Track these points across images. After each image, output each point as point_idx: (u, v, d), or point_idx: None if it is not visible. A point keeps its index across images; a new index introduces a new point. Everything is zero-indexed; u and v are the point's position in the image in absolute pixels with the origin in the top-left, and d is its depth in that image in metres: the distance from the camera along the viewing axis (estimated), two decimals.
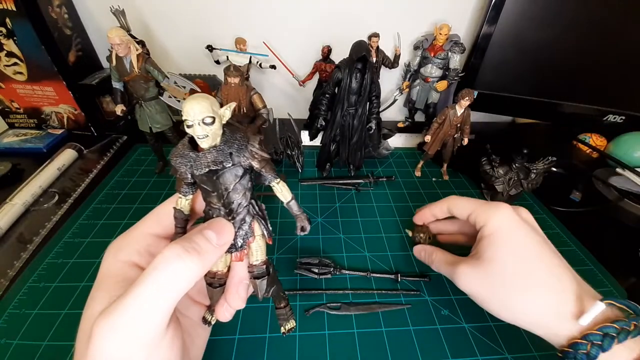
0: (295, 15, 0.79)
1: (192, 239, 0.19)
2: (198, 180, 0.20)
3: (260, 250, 0.23)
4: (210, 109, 0.18)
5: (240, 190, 0.20)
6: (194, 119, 0.17)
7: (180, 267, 0.17)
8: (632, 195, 0.63)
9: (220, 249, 0.20)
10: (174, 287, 0.17)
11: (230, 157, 0.19)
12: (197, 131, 0.18)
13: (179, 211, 0.21)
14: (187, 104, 0.17)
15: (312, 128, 0.69)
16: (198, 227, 0.20)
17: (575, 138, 0.87)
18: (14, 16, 0.62)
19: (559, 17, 0.70)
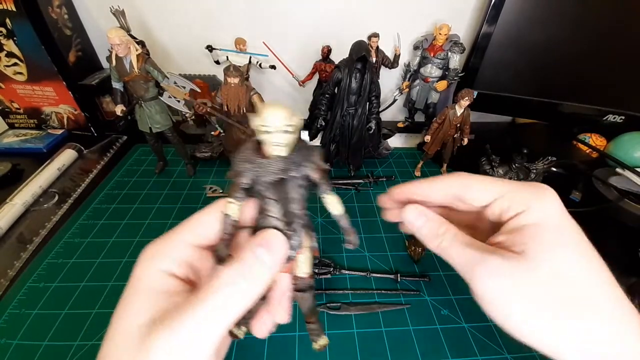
0: (295, 16, 0.79)
1: (245, 261, 0.18)
2: (259, 188, 0.20)
3: (307, 262, 0.22)
4: (290, 118, 0.18)
5: (299, 201, 0.20)
6: (275, 127, 0.17)
7: (237, 292, 0.17)
8: (632, 195, 0.63)
9: (274, 269, 0.19)
10: (230, 312, 0.17)
11: (298, 166, 0.19)
12: (277, 139, 0.18)
13: (228, 217, 0.20)
14: (269, 111, 0.17)
15: (312, 128, 0.69)
16: (250, 244, 0.19)
17: (575, 138, 0.87)
18: (14, 16, 0.62)
19: (559, 17, 0.70)
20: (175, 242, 0.20)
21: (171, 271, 0.19)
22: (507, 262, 0.20)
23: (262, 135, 0.18)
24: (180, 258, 0.20)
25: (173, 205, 0.59)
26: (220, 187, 0.63)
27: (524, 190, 0.23)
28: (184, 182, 0.65)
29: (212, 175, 0.68)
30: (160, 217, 0.56)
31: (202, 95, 0.78)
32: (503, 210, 0.22)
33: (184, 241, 0.20)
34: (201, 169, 0.69)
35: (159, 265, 0.19)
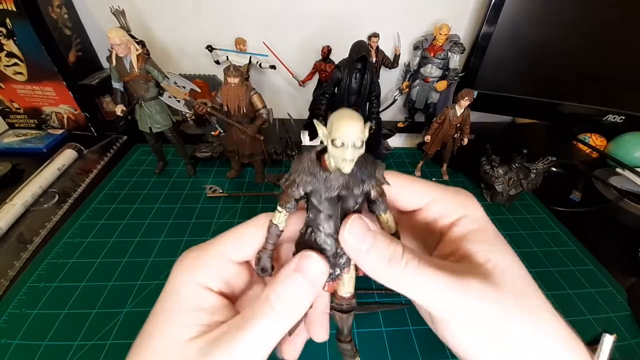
0: (295, 16, 0.79)
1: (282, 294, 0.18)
2: (313, 201, 0.18)
3: (352, 282, 0.21)
4: (363, 132, 0.16)
5: None
6: (348, 141, 0.16)
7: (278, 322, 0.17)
8: (632, 195, 0.63)
9: (313, 295, 0.19)
10: (275, 336, 0.17)
11: (361, 183, 0.18)
12: (349, 155, 0.16)
13: (276, 227, 0.19)
14: (344, 122, 0.16)
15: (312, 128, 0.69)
16: (288, 268, 0.18)
17: (575, 138, 0.87)
18: (14, 16, 0.62)
19: (559, 17, 0.70)
20: (214, 255, 0.20)
21: (208, 285, 0.19)
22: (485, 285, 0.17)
23: (331, 148, 0.16)
24: (217, 273, 0.20)
25: (173, 205, 0.59)
26: (220, 187, 0.63)
27: (456, 195, 0.22)
28: (184, 182, 0.65)
29: (212, 175, 0.68)
30: (160, 217, 0.56)
31: (202, 95, 0.78)
32: (439, 216, 0.21)
33: (224, 255, 0.20)
34: (201, 169, 0.69)
35: (197, 279, 0.19)
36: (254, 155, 0.62)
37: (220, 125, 0.73)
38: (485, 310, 0.17)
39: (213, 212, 0.58)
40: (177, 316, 0.18)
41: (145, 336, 0.18)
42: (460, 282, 0.17)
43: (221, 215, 0.57)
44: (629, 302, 0.47)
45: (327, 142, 0.16)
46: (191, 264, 0.19)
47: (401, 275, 0.17)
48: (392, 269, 0.18)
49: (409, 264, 0.17)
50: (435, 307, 0.18)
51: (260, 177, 0.66)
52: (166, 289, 0.19)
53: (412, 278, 0.17)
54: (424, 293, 0.17)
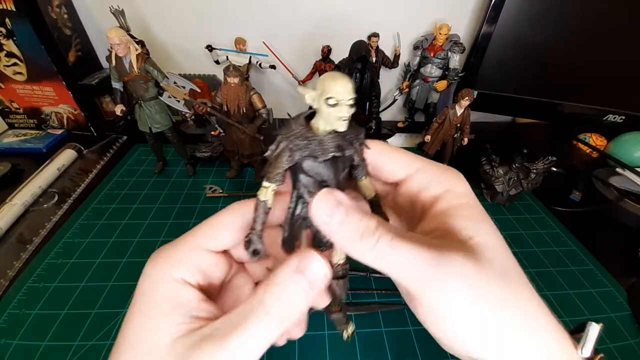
0: (296, 15, 0.79)
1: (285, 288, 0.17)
2: (306, 168, 0.17)
3: None
4: (353, 91, 0.16)
5: (346, 183, 0.19)
6: (343, 99, 0.16)
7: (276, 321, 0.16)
8: (632, 195, 0.63)
9: (311, 301, 0.18)
10: (269, 338, 0.16)
11: (350, 144, 0.18)
12: (344, 112, 0.16)
13: (263, 203, 0.18)
14: (338, 81, 0.16)
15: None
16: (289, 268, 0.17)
17: (575, 138, 0.87)
18: (14, 16, 0.62)
19: (559, 17, 0.70)
20: (187, 248, 0.19)
21: (186, 279, 0.18)
22: (469, 262, 0.16)
23: (324, 109, 0.16)
24: (194, 265, 0.19)
25: (173, 205, 0.59)
26: (220, 187, 0.63)
27: (442, 169, 0.21)
28: (184, 182, 0.65)
29: (212, 175, 0.67)
30: (160, 217, 0.56)
31: (202, 95, 0.78)
32: (421, 188, 0.20)
33: (199, 247, 0.19)
34: (201, 169, 0.69)
35: (173, 274, 0.18)
36: (253, 155, 0.62)
37: (220, 125, 0.73)
38: (466, 287, 0.16)
39: (213, 212, 0.57)
40: (155, 317, 0.17)
41: (125, 340, 0.17)
42: (440, 256, 0.16)
43: None
44: (629, 302, 0.47)
45: (319, 103, 0.16)
46: (165, 259, 0.18)
47: (373, 249, 0.16)
48: (364, 243, 0.16)
49: (382, 238, 0.16)
50: (410, 282, 0.16)
51: (260, 177, 0.66)
52: (141, 289, 0.18)
53: (385, 252, 0.16)
54: (397, 267, 0.16)
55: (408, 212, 0.22)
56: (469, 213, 0.19)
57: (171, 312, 0.17)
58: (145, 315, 0.17)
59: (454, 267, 0.16)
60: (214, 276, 0.20)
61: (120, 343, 0.17)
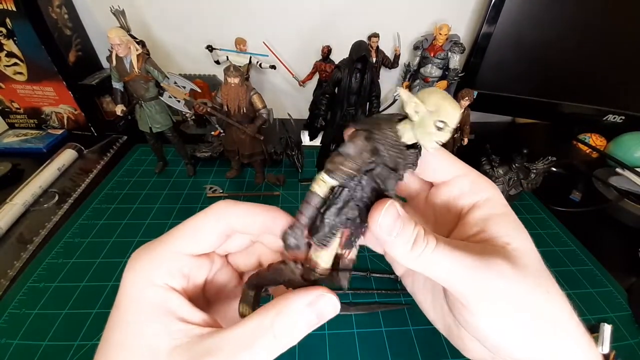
0: (295, 15, 0.79)
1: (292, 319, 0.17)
2: (376, 173, 0.17)
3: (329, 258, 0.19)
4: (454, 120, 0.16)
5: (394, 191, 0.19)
6: (451, 127, 0.15)
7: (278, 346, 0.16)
8: (632, 195, 0.63)
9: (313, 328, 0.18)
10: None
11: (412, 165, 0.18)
12: (445, 138, 0.16)
13: (317, 198, 0.17)
14: (457, 109, 0.16)
15: (312, 128, 0.69)
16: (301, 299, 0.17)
17: (575, 138, 0.87)
18: (14, 16, 0.62)
19: (559, 17, 0.70)
20: (167, 253, 0.18)
21: (167, 284, 0.18)
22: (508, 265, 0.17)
23: (427, 127, 0.16)
24: (176, 270, 0.18)
25: (173, 205, 0.59)
26: (220, 187, 0.63)
27: (481, 178, 0.21)
28: (184, 182, 0.65)
29: (212, 175, 0.68)
30: (160, 217, 0.56)
31: (202, 95, 0.78)
32: (463, 193, 0.21)
33: (179, 251, 0.18)
34: (201, 169, 0.69)
35: (156, 279, 0.17)
36: (254, 155, 0.62)
37: (220, 125, 0.73)
38: (507, 288, 0.17)
39: None
40: (146, 324, 0.16)
41: (111, 351, 0.16)
42: (483, 261, 0.17)
43: None
44: (629, 302, 0.47)
45: (426, 119, 0.16)
46: (146, 265, 0.18)
47: (423, 257, 0.17)
48: (414, 252, 0.17)
49: (429, 245, 0.17)
50: (457, 287, 0.17)
51: (260, 177, 0.66)
52: (123, 296, 0.17)
53: (434, 259, 0.17)
54: (445, 273, 0.17)
55: (440, 214, 0.22)
56: (507, 221, 0.20)
57: (163, 317, 0.16)
58: (136, 322, 0.16)
59: (496, 270, 0.17)
60: (197, 277, 0.19)
61: (108, 349, 0.16)
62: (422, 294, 0.23)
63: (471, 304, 0.17)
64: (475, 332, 0.18)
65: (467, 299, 0.17)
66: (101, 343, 0.17)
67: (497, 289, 0.17)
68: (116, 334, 0.16)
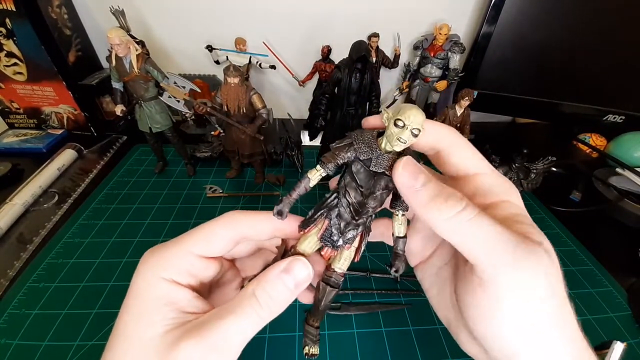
0: (295, 15, 0.79)
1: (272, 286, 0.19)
2: (354, 170, 0.20)
3: (347, 261, 0.22)
4: (422, 124, 0.18)
5: (378, 200, 0.20)
6: (409, 124, 0.18)
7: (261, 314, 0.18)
8: (632, 195, 0.63)
9: (296, 295, 0.20)
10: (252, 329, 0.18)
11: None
12: (404, 136, 0.18)
13: (307, 180, 0.20)
14: (412, 110, 0.18)
15: (312, 128, 0.69)
16: (277, 269, 0.19)
17: (575, 138, 0.87)
18: (14, 16, 0.62)
19: (559, 17, 0.70)
20: (180, 252, 0.20)
21: (174, 280, 0.19)
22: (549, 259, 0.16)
23: (391, 128, 0.18)
24: (185, 269, 0.20)
25: (173, 205, 0.59)
26: (220, 187, 0.63)
27: (504, 179, 0.21)
28: (184, 182, 0.65)
29: (212, 175, 0.67)
30: (160, 217, 0.56)
31: (202, 95, 0.78)
32: (484, 191, 0.20)
33: (190, 252, 0.20)
34: (201, 169, 0.69)
35: (162, 274, 0.19)
36: (253, 155, 0.62)
37: (220, 125, 0.73)
38: (544, 279, 0.16)
39: (213, 212, 0.58)
40: (147, 314, 0.18)
41: (117, 337, 0.18)
42: (527, 247, 0.16)
43: None
44: (629, 302, 0.47)
45: (390, 123, 0.18)
46: (157, 261, 0.19)
47: (455, 218, 0.16)
48: (446, 210, 0.16)
49: (468, 209, 0.16)
50: (485, 259, 0.16)
51: (260, 177, 0.66)
52: (133, 288, 0.19)
53: (468, 224, 0.16)
54: (475, 242, 0.16)
55: None
56: (527, 222, 0.19)
57: (163, 308, 0.18)
58: (137, 312, 0.18)
59: (542, 262, 0.16)
60: (205, 277, 0.21)
61: (114, 337, 0.18)
62: (430, 283, 0.24)
63: (497, 282, 0.16)
64: (478, 314, 0.18)
65: (495, 276, 0.16)
66: (111, 332, 0.18)
67: (536, 276, 0.16)
68: (121, 324, 0.18)
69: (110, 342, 0.18)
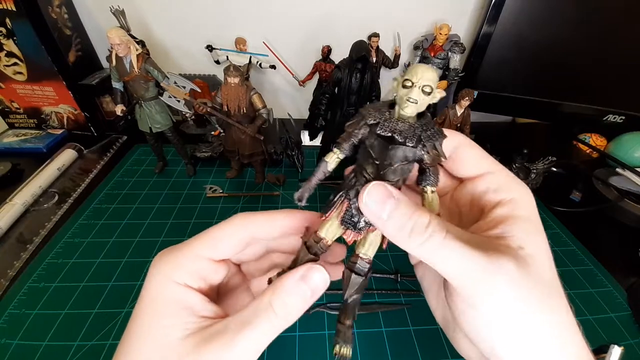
0: (295, 16, 0.79)
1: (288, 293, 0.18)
2: (367, 143, 0.19)
3: (373, 246, 0.20)
4: (433, 80, 0.17)
5: (399, 174, 0.19)
6: (417, 81, 0.17)
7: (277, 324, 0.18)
8: (632, 195, 0.63)
9: (310, 305, 0.20)
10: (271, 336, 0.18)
11: (416, 139, 0.18)
12: (413, 94, 0.17)
13: (324, 164, 0.20)
14: (420, 67, 0.17)
15: (312, 128, 0.69)
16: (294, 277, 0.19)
17: (575, 138, 0.87)
18: (14, 16, 0.62)
19: (559, 17, 0.70)
20: (190, 255, 0.20)
21: (188, 283, 0.19)
22: (517, 269, 0.16)
23: (400, 90, 0.18)
24: (195, 272, 0.20)
25: (173, 205, 0.59)
26: (220, 187, 0.63)
27: (512, 178, 0.21)
28: (184, 182, 0.65)
29: (212, 175, 0.67)
30: (160, 217, 0.56)
31: (202, 95, 0.78)
32: (490, 190, 0.20)
33: (200, 255, 0.20)
34: (201, 169, 0.69)
35: (176, 278, 0.19)
36: (254, 155, 0.62)
37: (220, 125, 0.73)
38: (512, 291, 0.16)
39: (213, 212, 0.58)
40: (164, 317, 0.18)
41: (131, 337, 0.18)
42: (491, 259, 0.16)
43: (221, 216, 0.57)
44: (629, 302, 0.47)
45: (398, 87, 0.18)
46: (169, 264, 0.19)
47: (423, 246, 0.17)
48: (414, 239, 0.17)
49: (434, 235, 0.16)
50: (458, 279, 0.17)
51: (260, 177, 0.66)
52: (147, 291, 0.19)
53: (437, 249, 0.16)
54: (447, 264, 0.17)
55: (463, 210, 0.22)
56: (527, 225, 0.19)
57: (178, 312, 0.18)
58: (155, 315, 0.18)
59: (504, 271, 0.16)
60: (214, 280, 0.21)
61: (129, 338, 0.18)
62: (430, 281, 0.24)
63: (471, 298, 0.17)
64: (466, 327, 0.18)
65: (469, 294, 0.17)
66: (124, 333, 0.18)
67: (502, 288, 0.16)
68: (137, 326, 0.18)
69: (124, 344, 0.18)
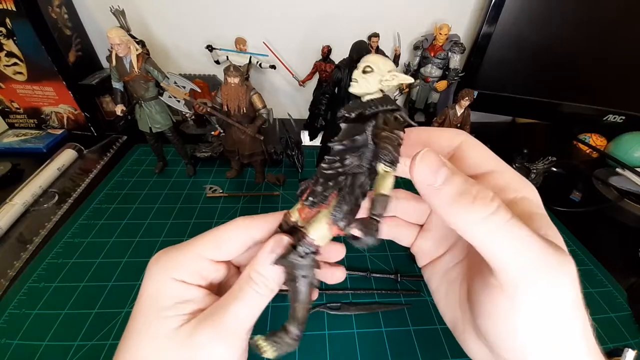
0: (295, 16, 0.79)
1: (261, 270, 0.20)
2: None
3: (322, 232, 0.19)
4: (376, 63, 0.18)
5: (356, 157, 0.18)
6: (360, 64, 0.18)
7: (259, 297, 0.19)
8: (632, 195, 0.63)
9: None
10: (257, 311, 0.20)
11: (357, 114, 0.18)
12: (355, 74, 0.19)
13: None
14: (373, 55, 0.19)
15: (312, 128, 0.69)
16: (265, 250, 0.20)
17: (575, 138, 0.87)
18: (14, 16, 0.62)
19: (559, 17, 0.70)
20: (191, 254, 0.20)
21: (184, 280, 0.20)
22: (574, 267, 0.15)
23: (360, 77, 0.19)
24: (196, 271, 0.20)
25: (173, 205, 0.59)
26: (220, 187, 0.63)
27: (519, 177, 0.20)
28: (184, 182, 0.65)
29: (212, 175, 0.67)
30: (160, 217, 0.56)
31: (202, 95, 0.78)
32: (498, 189, 0.18)
33: (201, 256, 0.20)
34: (201, 169, 0.69)
35: (173, 275, 0.20)
36: (254, 155, 0.62)
37: (220, 125, 0.73)
38: (573, 290, 0.15)
39: (213, 212, 0.58)
40: (161, 310, 0.19)
41: (131, 334, 0.19)
42: (557, 252, 0.14)
43: (221, 215, 0.57)
44: (629, 302, 0.47)
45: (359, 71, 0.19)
46: (168, 262, 0.20)
47: (487, 220, 0.14)
48: (476, 210, 0.14)
49: (501, 211, 0.14)
50: (515, 267, 0.15)
51: (260, 177, 0.66)
52: (145, 288, 0.20)
53: (501, 228, 0.14)
54: (506, 248, 0.14)
55: None
56: (547, 222, 0.17)
57: (174, 305, 0.19)
58: (149, 309, 0.19)
59: (567, 268, 0.15)
60: (215, 279, 0.22)
61: (128, 335, 0.19)
62: (438, 282, 0.24)
63: (525, 291, 0.15)
64: (492, 324, 0.17)
65: (523, 285, 0.15)
66: (124, 332, 0.19)
67: (566, 286, 0.15)
68: (136, 322, 0.19)
69: (124, 342, 0.19)
